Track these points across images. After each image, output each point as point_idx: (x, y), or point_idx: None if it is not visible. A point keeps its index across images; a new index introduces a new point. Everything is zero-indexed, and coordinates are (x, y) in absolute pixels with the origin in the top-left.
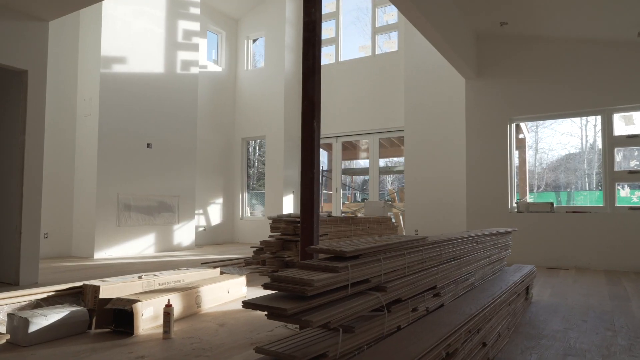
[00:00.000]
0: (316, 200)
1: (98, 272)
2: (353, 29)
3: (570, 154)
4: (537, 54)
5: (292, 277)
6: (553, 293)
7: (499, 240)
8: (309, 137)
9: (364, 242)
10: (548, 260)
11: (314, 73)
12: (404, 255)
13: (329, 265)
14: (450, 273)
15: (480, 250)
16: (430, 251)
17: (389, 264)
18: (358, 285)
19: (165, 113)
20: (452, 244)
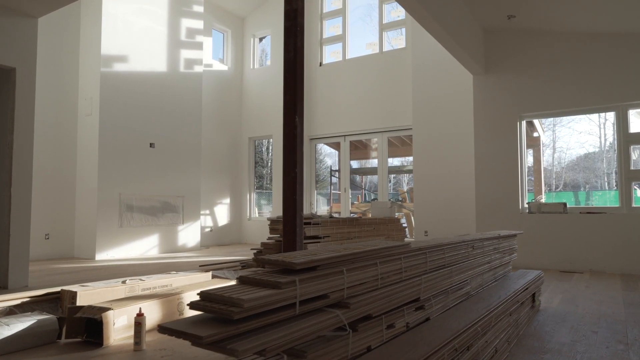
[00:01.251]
0: (299, 201)
1: (94, 275)
2: (360, 26)
3: (589, 153)
4: (546, 48)
5: (222, 296)
6: (563, 299)
7: (502, 244)
8: (290, 133)
9: (327, 251)
10: (561, 263)
11: (295, 64)
12: (377, 265)
13: (271, 281)
14: (439, 283)
15: (478, 255)
16: (412, 259)
17: (355, 275)
18: (313, 302)
19: (169, 112)
20: (441, 250)
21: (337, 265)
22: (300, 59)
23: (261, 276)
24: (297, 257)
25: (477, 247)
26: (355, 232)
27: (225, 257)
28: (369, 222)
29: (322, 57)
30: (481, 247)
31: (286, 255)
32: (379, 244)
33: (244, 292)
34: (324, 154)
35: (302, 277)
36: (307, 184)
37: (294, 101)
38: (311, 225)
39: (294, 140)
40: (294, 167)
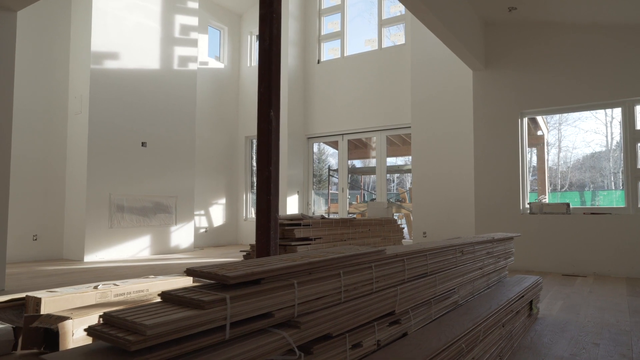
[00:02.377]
0: (273, 202)
1: (78, 277)
2: (359, 22)
3: (595, 152)
4: (549, 42)
5: (124, 320)
6: (564, 306)
7: (496, 248)
8: (265, 128)
9: (280, 260)
10: (564, 266)
11: (270, 54)
12: (339, 277)
13: (194, 299)
14: (419, 293)
15: (469, 261)
16: (386, 267)
17: (311, 289)
18: (253, 322)
19: (162, 111)
20: (423, 257)
21: (287, 277)
22: (276, 48)
23: (185, 293)
24: (237, 269)
25: (467, 252)
26: (349, 233)
27: (217, 259)
28: (364, 223)
29: (320, 54)
30: (472, 251)
31: (226, 266)
32: (348, 250)
33: (157, 313)
34: (327, 154)
35: (238, 294)
36: (305, 184)
37: (268, 94)
38: (301, 227)
39: (269, 136)
40: (268, 165)
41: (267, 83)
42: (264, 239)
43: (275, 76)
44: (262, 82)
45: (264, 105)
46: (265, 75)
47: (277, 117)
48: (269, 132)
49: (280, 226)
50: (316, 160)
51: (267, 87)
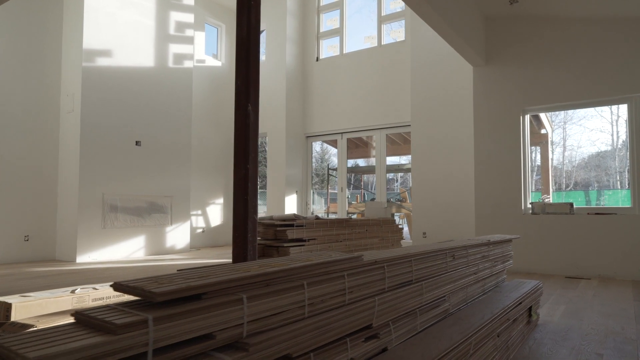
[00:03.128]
0: (251, 203)
1: (66, 279)
2: (358, 19)
3: (601, 151)
4: (552, 36)
5: (8, 350)
6: (566, 312)
7: (493, 251)
8: (242, 124)
9: (226, 271)
10: (567, 268)
11: (249, 44)
12: (303, 288)
13: (105, 321)
14: (403, 303)
15: (461, 266)
16: (361, 276)
17: (265, 304)
18: (189, 346)
19: (156, 109)
20: (407, 263)
21: (236, 291)
22: (255, 38)
23: (99, 313)
24: (172, 282)
25: (459, 257)
26: (345, 234)
27: (211, 260)
28: (361, 223)
29: (319, 51)
30: (465, 255)
31: (161, 279)
32: (317, 257)
33: (56, 340)
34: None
35: (167, 313)
36: (304, 183)
37: (246, 86)
38: (294, 228)
39: (246, 131)
40: (245, 163)
41: (245, 75)
42: (240, 242)
43: (253, 67)
44: (240, 74)
45: (241, 98)
46: (243, 67)
47: (256, 112)
48: (247, 127)
49: (273, 227)
50: (319, 159)
51: (245, 79)
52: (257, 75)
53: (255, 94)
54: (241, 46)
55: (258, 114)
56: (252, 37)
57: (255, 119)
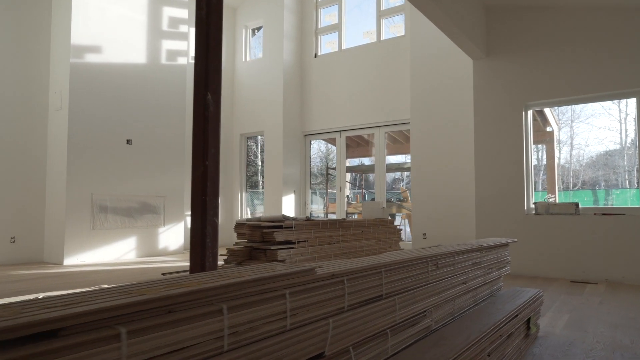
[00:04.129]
0: (211, 204)
1: (47, 283)
2: (357, 14)
3: (609, 150)
4: (557, 27)
5: None
6: (570, 322)
7: (486, 257)
8: (200, 115)
9: (108, 296)
10: (572, 272)
11: (208, 26)
12: (221, 314)
13: None
14: (368, 323)
15: (447, 276)
16: (311, 294)
17: (159, 338)
18: None
19: (149, 106)
20: (375, 274)
21: (115, 323)
22: (216, 20)
23: None
24: (18, 314)
25: (444, 265)
26: (339, 235)
27: None
28: (357, 224)
29: (317, 48)
30: (451, 263)
31: (6, 308)
32: (253, 272)
33: None
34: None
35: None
36: (302, 183)
37: (205, 73)
38: (282, 230)
39: (205, 124)
40: (204, 160)
41: (204, 60)
42: (198, 249)
43: (214, 52)
44: (199, 60)
45: (200, 87)
46: (202, 51)
47: (217, 102)
48: (206, 120)
49: (259, 229)
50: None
51: (204, 64)
52: (218, 61)
53: (216, 81)
54: (200, 28)
55: (219, 104)
56: (212, 18)
57: (216, 110)
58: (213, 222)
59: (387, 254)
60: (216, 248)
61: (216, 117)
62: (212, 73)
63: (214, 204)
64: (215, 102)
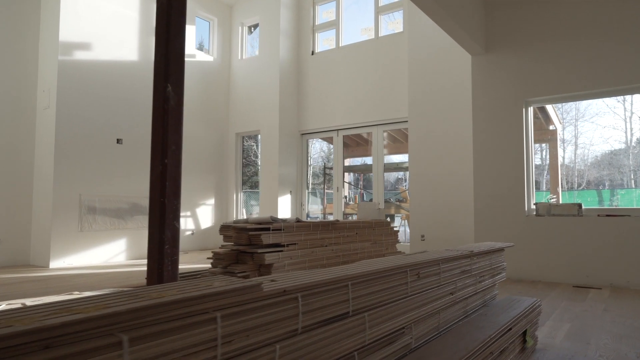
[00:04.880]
0: (170, 206)
1: (26, 288)
2: (355, 10)
3: (614, 149)
4: (558, 20)
5: None
6: (572, 332)
7: (478, 263)
8: (160, 109)
9: None
10: (575, 276)
11: (169, 13)
12: (120, 347)
13: None
14: (328, 347)
15: (430, 286)
16: (253, 317)
17: None
18: None
19: (141, 105)
20: (341, 288)
21: None
22: (178, 6)
23: None
24: None
25: (427, 274)
26: (332, 238)
27: (186, 266)
28: (351, 225)
29: (314, 45)
30: (436, 272)
31: None
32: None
33: None
34: None
35: None
36: (299, 183)
37: (165, 62)
38: (270, 232)
39: (164, 119)
40: (163, 158)
41: (164, 48)
42: (156, 256)
43: (175, 40)
44: (159, 48)
45: (160, 77)
46: (162, 38)
47: (179, 94)
48: (166, 114)
49: (245, 231)
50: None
51: (164, 54)
52: (179, 50)
53: (178, 72)
54: (161, 14)
55: (182, 97)
56: (174, 2)
57: (178, 104)
58: (173, 226)
59: (360, 263)
60: (176, 255)
61: (177, 111)
62: (172, 63)
63: (175, 206)
64: (176, 94)
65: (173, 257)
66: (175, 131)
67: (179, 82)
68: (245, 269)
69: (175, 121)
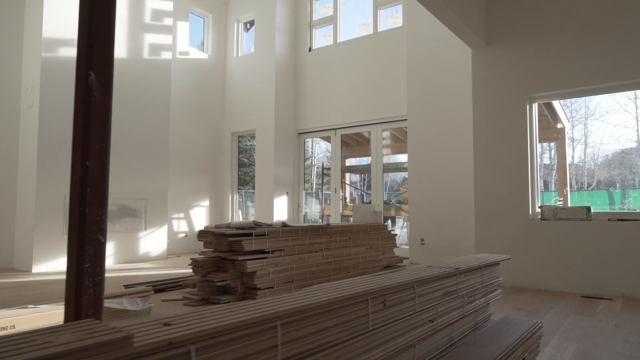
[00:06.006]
0: (92, 217)
1: None
2: (353, 5)
3: (625, 148)
4: (564, 10)
5: None
6: (579, 354)
7: (467, 282)
8: (81, 102)
9: None
10: (583, 285)
11: None
12: None
13: None
14: None
15: (402, 315)
16: None
17: None
18: None
19: (128, 103)
20: (267, 330)
21: None
22: None
23: None
24: None
25: (397, 301)
26: (322, 243)
27: (172, 271)
28: (343, 230)
29: (311, 41)
30: (410, 297)
31: None
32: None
33: None
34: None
35: None
36: (295, 184)
37: (88, 46)
38: (252, 238)
39: (86, 113)
40: (84, 160)
41: (86, 33)
42: (74, 277)
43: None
44: (82, 33)
45: (82, 64)
46: (85, 22)
47: (106, 85)
48: (87, 107)
49: (224, 237)
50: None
51: (87, 35)
52: (108, 28)
53: (105, 58)
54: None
55: (110, 89)
56: None
57: (105, 96)
58: (96, 241)
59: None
60: (100, 275)
61: (104, 104)
62: (98, 47)
63: (99, 217)
64: (102, 84)
65: (95, 277)
66: (101, 128)
67: (107, 71)
68: (226, 277)
69: (101, 116)
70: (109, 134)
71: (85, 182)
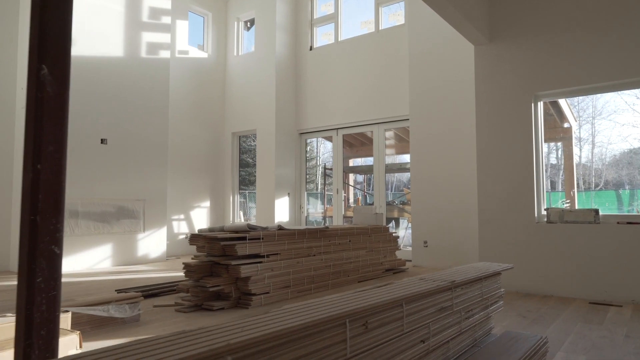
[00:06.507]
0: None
1: None
2: (354, 3)
3: (634, 148)
4: (570, 6)
5: None
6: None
7: (464, 295)
8: (33, 98)
9: None
10: (592, 291)
11: None
12: None
13: None
14: None
15: (388, 337)
16: None
17: None
18: None
19: (126, 103)
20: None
21: None
22: None
23: None
24: None
25: (382, 322)
26: (321, 246)
27: (168, 274)
28: (343, 232)
29: (312, 40)
30: (398, 317)
31: None
32: None
33: None
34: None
35: None
36: (297, 184)
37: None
38: (246, 242)
39: (37, 110)
40: (35, 162)
41: (38, 21)
42: (24, 291)
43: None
44: (34, 22)
45: (34, 57)
46: (37, 8)
47: (61, 79)
48: (39, 104)
49: (216, 241)
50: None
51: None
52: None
53: (60, 50)
54: None
55: (66, 84)
56: None
57: (60, 92)
58: (50, 252)
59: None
60: (55, 291)
61: (59, 100)
62: (51, 38)
63: (52, 226)
64: (57, 79)
65: (49, 292)
66: (55, 127)
67: (62, 65)
68: (219, 282)
69: (55, 114)
70: (65, 134)
71: (36, 187)
